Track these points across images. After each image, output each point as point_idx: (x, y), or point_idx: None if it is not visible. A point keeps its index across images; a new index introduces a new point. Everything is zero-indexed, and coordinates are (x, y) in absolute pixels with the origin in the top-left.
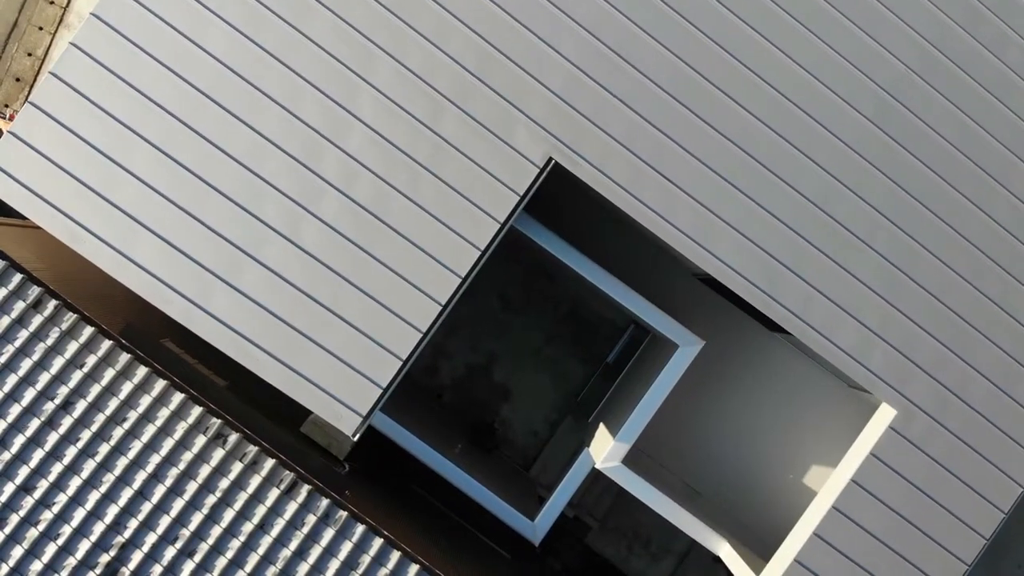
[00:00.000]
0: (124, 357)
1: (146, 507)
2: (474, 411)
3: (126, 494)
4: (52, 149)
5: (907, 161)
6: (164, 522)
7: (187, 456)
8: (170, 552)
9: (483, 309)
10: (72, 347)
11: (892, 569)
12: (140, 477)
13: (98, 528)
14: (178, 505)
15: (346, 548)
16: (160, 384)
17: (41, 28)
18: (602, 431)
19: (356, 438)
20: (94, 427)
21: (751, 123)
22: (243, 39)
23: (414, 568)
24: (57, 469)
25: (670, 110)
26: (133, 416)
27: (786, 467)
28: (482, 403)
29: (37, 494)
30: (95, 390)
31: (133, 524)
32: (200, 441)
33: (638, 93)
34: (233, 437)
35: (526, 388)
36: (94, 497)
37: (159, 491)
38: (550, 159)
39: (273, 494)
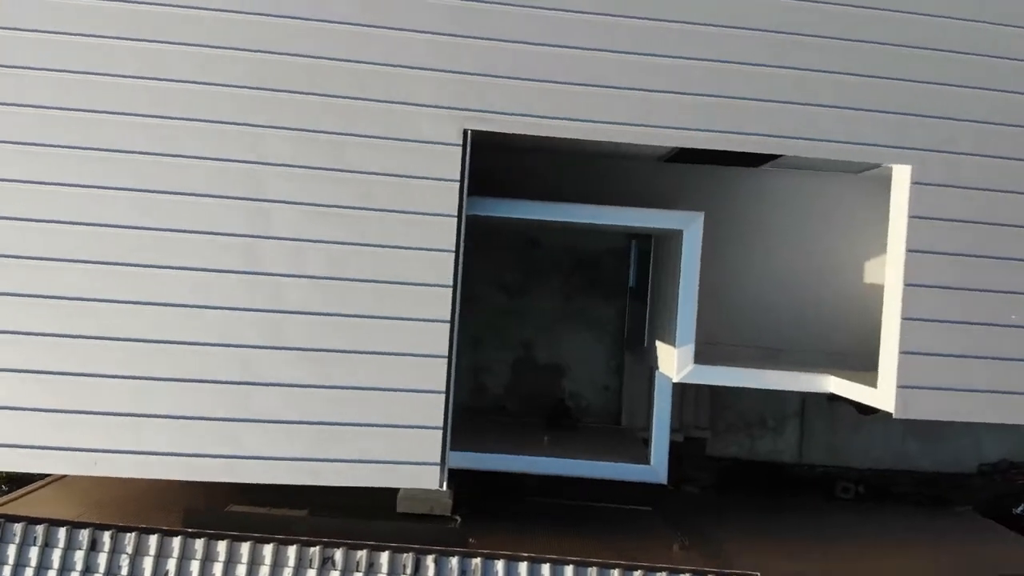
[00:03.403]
0: (199, 543)
1: None
2: (541, 400)
3: None
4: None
5: None
6: None
7: None
8: None
9: (492, 307)
10: (148, 564)
11: (988, 309)
12: None
13: None
14: None
15: None
16: (245, 547)
17: None
18: (662, 347)
19: (444, 487)
20: None
21: None
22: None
23: (569, 569)
24: None
25: (544, 21)
26: None
27: (839, 280)
28: (543, 389)
29: None
30: None
31: None
32: (311, 575)
33: (508, 23)
34: (338, 554)
35: (573, 353)
36: None
37: None
38: (465, 131)
39: None
